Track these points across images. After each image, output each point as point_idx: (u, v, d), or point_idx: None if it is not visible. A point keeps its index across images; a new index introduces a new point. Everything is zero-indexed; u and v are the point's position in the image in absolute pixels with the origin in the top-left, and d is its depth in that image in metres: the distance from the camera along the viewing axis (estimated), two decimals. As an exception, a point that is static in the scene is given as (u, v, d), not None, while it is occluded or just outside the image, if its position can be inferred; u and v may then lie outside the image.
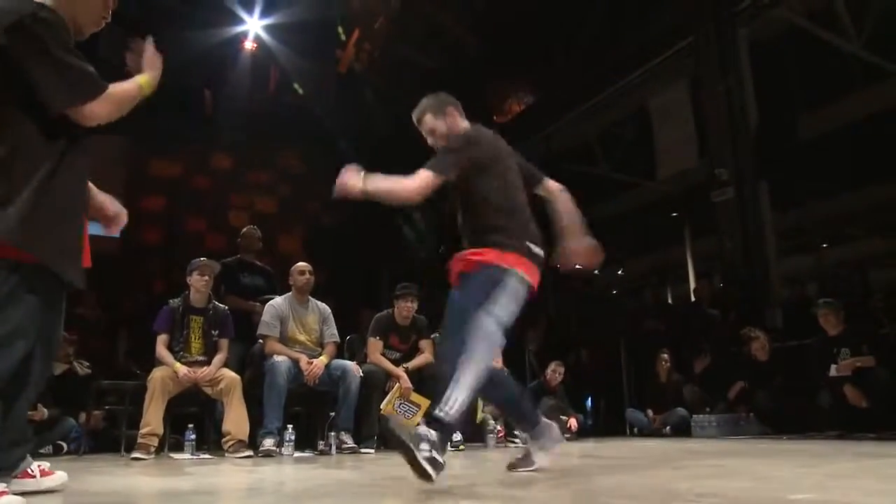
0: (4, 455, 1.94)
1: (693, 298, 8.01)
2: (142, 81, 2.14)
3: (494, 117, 10.60)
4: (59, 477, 2.17)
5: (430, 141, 2.75)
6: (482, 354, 2.21)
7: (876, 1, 6.91)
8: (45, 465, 2.16)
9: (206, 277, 4.53)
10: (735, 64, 7.12)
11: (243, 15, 9.42)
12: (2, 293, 1.77)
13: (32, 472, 2.08)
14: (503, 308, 2.34)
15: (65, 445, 4.56)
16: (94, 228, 2.36)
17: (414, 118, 2.78)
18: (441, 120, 2.71)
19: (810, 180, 8.29)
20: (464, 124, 2.73)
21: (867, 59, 7.04)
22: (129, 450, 4.21)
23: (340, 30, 10.16)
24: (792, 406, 5.38)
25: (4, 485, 1.78)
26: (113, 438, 4.87)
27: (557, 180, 2.97)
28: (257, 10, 9.34)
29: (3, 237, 1.74)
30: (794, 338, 5.86)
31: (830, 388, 4.97)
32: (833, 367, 4.99)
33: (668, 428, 6.12)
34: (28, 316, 1.81)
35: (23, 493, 1.89)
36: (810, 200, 9.34)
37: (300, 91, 10.76)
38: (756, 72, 7.24)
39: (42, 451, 4.43)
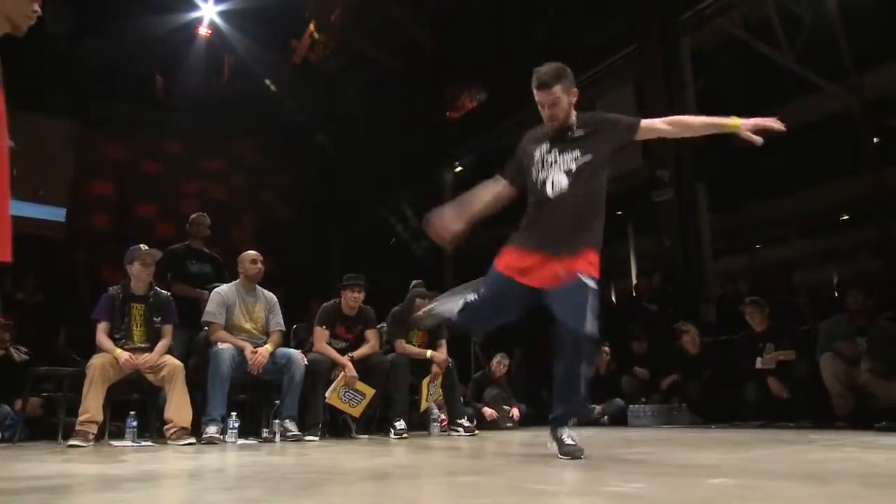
0: None
1: (634, 294, 8.31)
2: None
3: (448, 113, 10.71)
4: None
5: (551, 113, 2.66)
6: None
7: (807, 17, 7.30)
8: None
9: (149, 267, 4.48)
10: (677, 70, 7.40)
11: (198, 0, 9.25)
12: None
13: None
14: None
15: (-1, 433, 4.47)
16: (38, 211, 2.33)
17: (537, 80, 2.66)
18: (569, 96, 2.67)
19: (745, 184, 8.69)
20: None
21: (799, 71, 7.43)
22: (67, 437, 4.15)
23: (312, 27, 10.04)
24: (721, 397, 5.68)
25: None
26: (50, 426, 4.79)
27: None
28: (213, -4, 9.21)
29: None
30: (726, 333, 6.17)
31: (756, 380, 5.27)
32: (758, 360, 5.29)
33: (605, 417, 6.36)
34: None
35: None
36: (745, 203, 9.78)
37: (271, 85, 10.65)
38: (697, 79, 7.55)
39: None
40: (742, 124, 2.55)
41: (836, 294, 7.45)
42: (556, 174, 2.68)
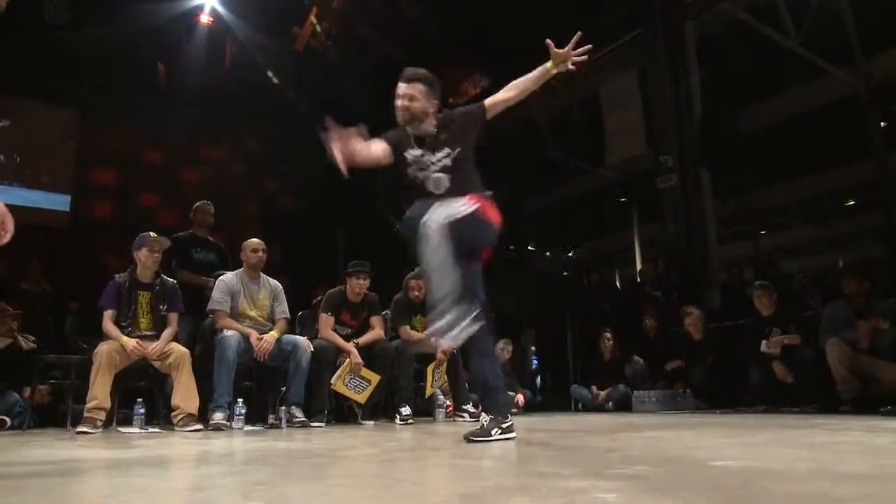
0: None
1: (638, 280, 8.32)
2: None
3: (450, 99, 10.66)
4: None
5: (403, 104, 2.88)
6: None
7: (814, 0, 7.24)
8: None
9: (156, 254, 4.50)
10: (682, 56, 7.35)
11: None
12: None
13: None
14: None
15: (8, 420, 4.50)
16: (42, 199, 2.33)
17: (405, 76, 2.90)
18: (427, 102, 2.90)
19: (749, 170, 8.66)
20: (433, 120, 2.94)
21: (805, 55, 7.37)
22: (76, 424, 4.19)
23: (314, 20, 9.99)
24: (725, 383, 5.70)
25: None
26: (59, 413, 4.84)
27: (509, 163, 3.22)
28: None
29: None
30: (730, 318, 6.18)
31: (760, 364, 5.28)
32: (763, 343, 5.29)
33: (610, 403, 6.38)
34: None
35: None
36: (750, 190, 9.76)
37: (254, 69, 10.59)
38: (702, 64, 7.50)
39: (-15, 425, 4.37)
40: (553, 59, 2.90)
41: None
42: (434, 174, 2.89)
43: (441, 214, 2.57)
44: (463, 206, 2.65)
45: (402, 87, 2.90)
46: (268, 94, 10.88)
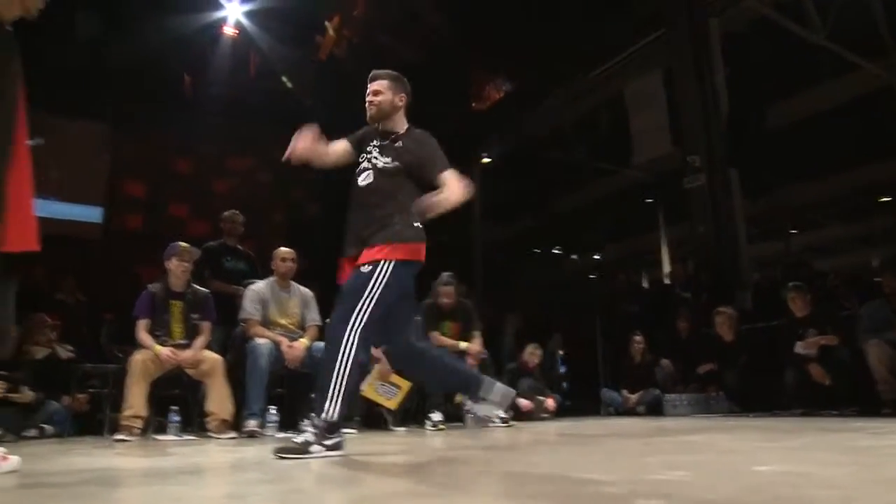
0: None
1: (667, 282, 8.22)
2: None
3: (473, 104, 10.67)
4: (15, 462, 2.18)
5: (369, 100, 2.87)
6: None
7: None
8: (2, 450, 2.19)
9: (186, 263, 4.57)
10: (707, 54, 7.27)
11: (223, 0, 9.35)
12: None
13: None
14: None
15: (49, 428, 4.60)
16: (75, 212, 2.38)
17: (372, 74, 2.91)
18: (394, 95, 2.87)
19: (779, 168, 8.52)
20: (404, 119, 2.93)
21: (832, 50, 7.23)
22: (113, 432, 4.27)
23: (328, 25, 10.11)
24: (759, 385, 5.60)
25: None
26: (96, 421, 4.94)
27: (534, 167, 3.15)
28: (238, -5, 9.30)
29: None
30: (763, 319, 6.07)
31: (796, 366, 5.17)
32: (798, 344, 5.19)
33: (641, 407, 6.31)
34: None
35: None
36: (779, 188, 9.59)
37: (287, 82, 10.72)
38: (727, 62, 7.41)
39: (26, 433, 4.47)
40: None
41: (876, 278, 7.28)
42: (365, 171, 2.86)
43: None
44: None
45: (368, 88, 2.91)
46: (292, 103, 10.99)
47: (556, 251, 14.56)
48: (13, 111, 2.00)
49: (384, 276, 2.63)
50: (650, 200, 11.43)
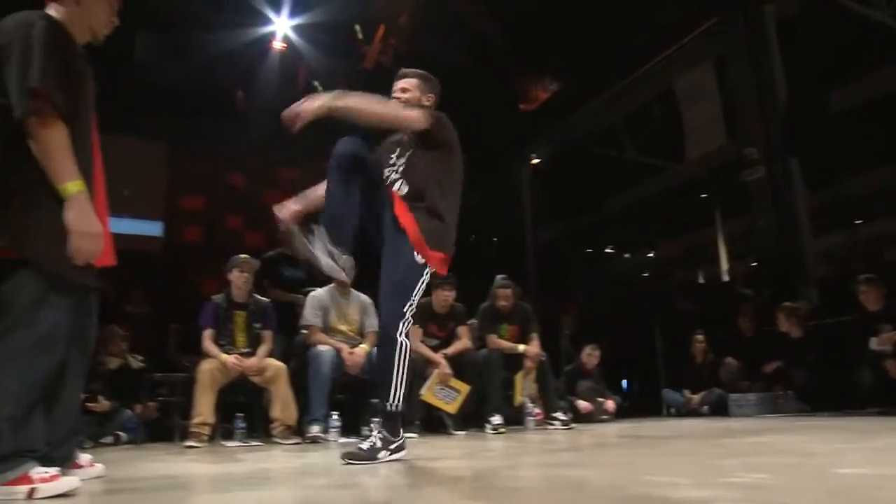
0: (62, 448, 2.09)
1: (726, 279, 8.00)
2: (71, 188, 1.86)
3: (521, 106, 10.62)
4: (100, 469, 2.30)
5: (395, 97, 2.85)
6: None
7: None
8: (88, 456, 2.30)
9: (246, 274, 4.70)
10: (762, 41, 7.04)
11: (271, 15, 9.59)
12: (30, 297, 1.84)
13: (81, 463, 2.22)
14: None
15: (123, 435, 4.78)
16: (137, 227, 2.44)
17: (400, 72, 2.91)
18: (421, 94, 2.86)
19: (843, 156, 8.18)
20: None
21: (898, 27, 6.89)
22: (183, 438, 4.42)
23: (358, 28, 10.27)
24: (831, 383, 5.38)
25: (56, 469, 1.87)
26: (167, 428, 5.12)
27: (585, 166, 3.07)
28: (285, 11, 9.50)
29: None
30: (831, 315, 5.84)
31: (870, 363, 4.95)
32: (872, 340, 4.96)
33: (705, 407, 6.16)
34: (58, 319, 1.88)
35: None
36: (843, 176, 9.21)
37: (318, 86, 10.91)
38: (784, 48, 7.16)
39: (103, 440, 4.65)
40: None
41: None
42: (397, 177, 2.80)
43: None
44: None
45: (395, 85, 2.89)
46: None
47: (609, 250, 14.35)
48: (90, 133, 2.10)
49: (427, 275, 2.69)
50: (704, 196, 11.14)
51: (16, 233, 1.84)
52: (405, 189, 2.75)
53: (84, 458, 2.25)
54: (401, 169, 2.80)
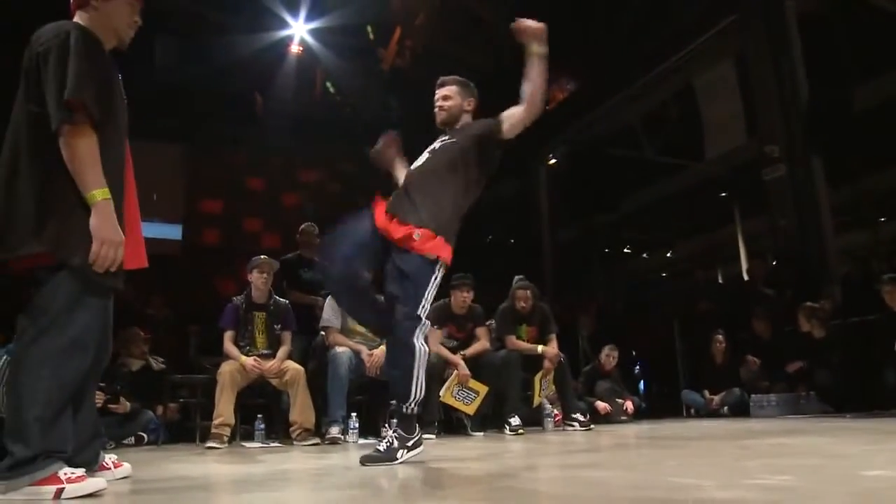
0: (86, 451, 2.12)
1: (746, 278, 7.90)
2: (97, 196, 1.91)
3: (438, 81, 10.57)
4: (127, 468, 2.31)
5: (438, 105, 2.93)
6: None
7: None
8: (114, 457, 2.32)
9: (266, 275, 4.72)
10: (783, 38, 6.96)
11: (289, 19, 9.66)
12: (65, 300, 1.89)
13: (108, 464, 2.23)
14: None
15: (145, 436, 4.84)
16: (157, 231, 2.48)
17: (440, 80, 2.97)
18: (462, 100, 2.92)
19: (865, 153, 8.05)
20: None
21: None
22: (204, 439, 4.46)
23: (369, 29, 10.32)
24: (854, 384, 5.30)
25: (83, 470, 1.90)
26: (188, 429, 5.17)
27: (602, 165, 3.12)
28: (302, 15, 9.57)
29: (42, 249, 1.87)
30: (855, 314, 5.75)
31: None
32: (897, 341, 4.89)
33: (725, 408, 6.09)
34: (89, 321, 1.93)
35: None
36: (865, 173, 9.07)
37: (344, 93, 10.98)
38: (805, 44, 7.06)
39: (125, 441, 4.71)
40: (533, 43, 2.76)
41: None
42: (424, 154, 2.92)
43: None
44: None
45: (437, 93, 2.96)
46: (357, 115, 11.22)
47: (627, 250, 14.26)
48: (122, 139, 2.13)
49: (439, 275, 2.70)
50: (724, 194, 11.04)
51: (51, 239, 1.88)
52: (423, 163, 2.85)
53: (108, 458, 2.27)
54: (434, 148, 2.90)
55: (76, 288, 1.90)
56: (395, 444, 2.58)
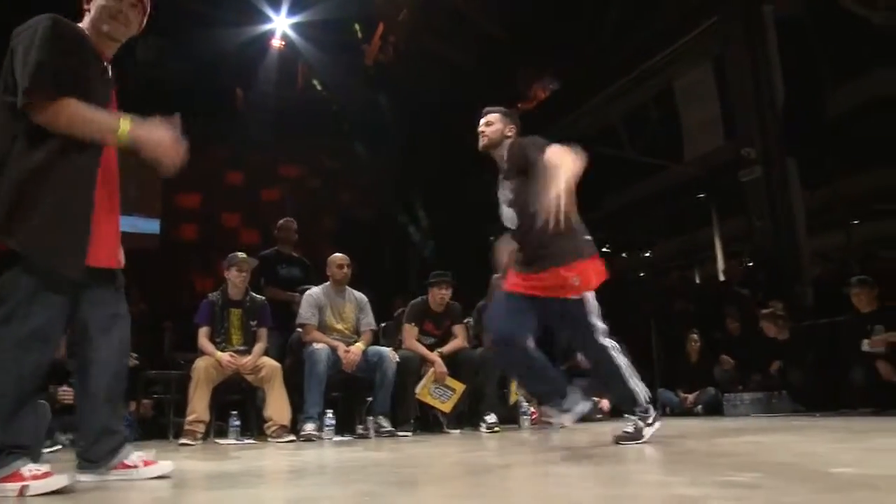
0: (95, 447, 2.09)
1: (722, 278, 8.00)
2: (122, 127, 2.01)
3: (519, 105, 10.61)
4: (163, 466, 2.22)
5: (481, 131, 3.10)
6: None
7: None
8: (148, 454, 2.23)
9: (244, 273, 4.70)
10: (761, 41, 7.05)
11: (271, 13, 9.58)
12: (25, 292, 1.86)
13: (132, 462, 2.16)
14: None
15: (117, 433, 4.76)
16: (134, 225, 2.47)
17: (485, 109, 3.16)
18: (504, 126, 3.09)
19: (840, 156, 8.18)
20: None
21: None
22: (178, 436, 4.41)
23: (357, 27, 10.28)
24: (825, 383, 5.39)
25: (48, 466, 1.86)
26: (161, 426, 5.10)
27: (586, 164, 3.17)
28: (284, 9, 9.50)
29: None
30: (826, 315, 5.85)
31: (863, 364, 4.96)
32: (865, 342, 4.97)
33: (699, 407, 6.16)
34: (51, 315, 1.90)
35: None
36: (840, 177, 9.21)
37: (326, 88, 10.92)
38: (782, 48, 7.16)
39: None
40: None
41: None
42: (505, 207, 3.04)
43: None
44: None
45: (481, 121, 3.13)
46: (340, 110, 11.17)
47: (606, 249, 14.34)
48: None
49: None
50: (702, 195, 11.14)
51: (12, 228, 1.85)
52: (517, 218, 2.95)
53: (136, 455, 2.18)
54: (510, 199, 2.99)
55: (34, 280, 1.87)
56: (641, 424, 2.86)
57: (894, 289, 5.58)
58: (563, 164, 2.61)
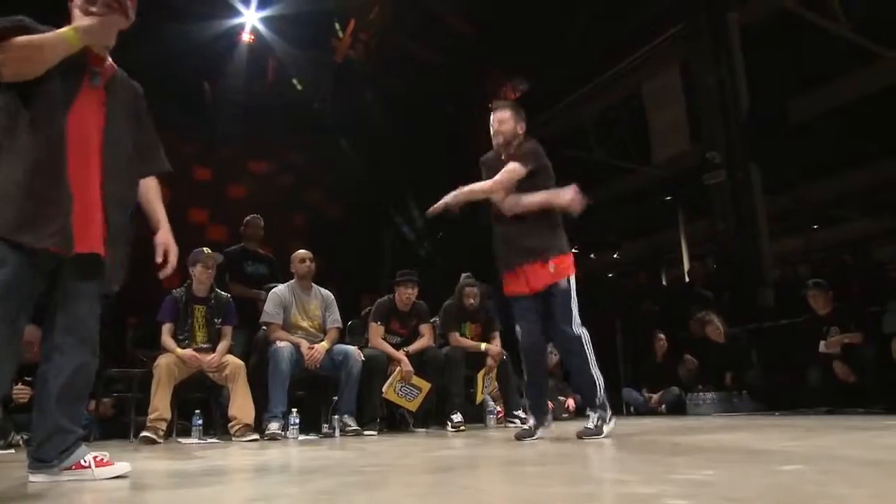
0: (46, 446, 2.03)
1: (687, 280, 8.14)
2: (70, 32, 1.98)
3: (490, 105, 10.65)
4: (120, 467, 2.15)
5: (495, 129, 3.24)
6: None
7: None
8: (98, 454, 2.15)
9: (209, 270, 4.63)
10: (726, 48, 7.19)
11: (240, 7, 9.45)
12: None
13: (86, 462, 2.09)
14: None
15: (76, 432, 4.65)
16: None
17: (494, 104, 3.31)
18: (516, 124, 3.23)
19: (801, 163, 8.39)
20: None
21: (856, 41, 7.10)
22: (138, 435, 4.32)
23: (337, 25, 10.22)
24: (783, 384, 5.53)
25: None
26: (122, 425, 4.99)
27: (554, 166, 3.35)
28: (254, 2, 9.38)
29: None
30: (786, 316, 6.00)
31: (820, 365, 5.10)
32: (822, 343, 5.12)
33: (663, 406, 6.26)
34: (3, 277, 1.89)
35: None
36: (801, 183, 9.45)
37: (297, 84, 10.82)
38: (747, 56, 7.32)
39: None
40: None
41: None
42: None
43: None
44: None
45: (493, 117, 3.26)
46: (309, 107, 11.07)
47: (574, 250, 14.47)
48: (65, 112, 2.08)
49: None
50: (669, 198, 11.32)
51: None
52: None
53: (88, 456, 2.11)
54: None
55: None
56: (599, 421, 3.19)
57: (849, 290, 5.78)
58: (485, 184, 3.19)
